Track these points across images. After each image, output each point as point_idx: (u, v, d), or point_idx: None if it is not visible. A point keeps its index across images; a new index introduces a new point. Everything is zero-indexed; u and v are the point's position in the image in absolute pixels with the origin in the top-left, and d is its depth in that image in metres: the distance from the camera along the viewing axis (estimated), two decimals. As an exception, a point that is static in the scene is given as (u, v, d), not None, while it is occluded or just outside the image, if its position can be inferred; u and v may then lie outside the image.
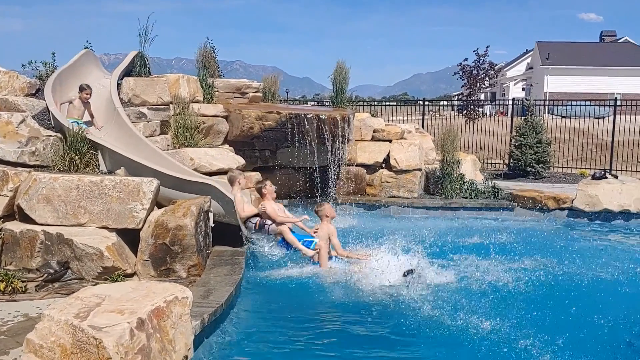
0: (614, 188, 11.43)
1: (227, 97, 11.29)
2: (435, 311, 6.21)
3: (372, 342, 5.59)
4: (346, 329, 5.90)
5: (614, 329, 5.94)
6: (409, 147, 12.35)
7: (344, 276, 7.37)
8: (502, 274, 7.55)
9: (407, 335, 5.76)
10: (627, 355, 5.47)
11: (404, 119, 21.04)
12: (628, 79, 51.27)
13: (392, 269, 7.36)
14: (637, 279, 7.75)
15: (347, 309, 6.42)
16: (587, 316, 6.18)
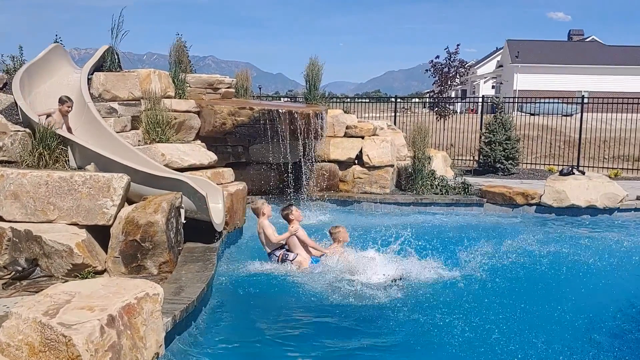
0: (581, 184, 11.65)
1: (199, 93, 11.22)
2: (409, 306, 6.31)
3: (346, 337, 5.64)
4: (320, 324, 5.93)
5: (575, 320, 6.15)
6: (381, 143, 12.43)
7: (318, 273, 7.41)
8: (471, 269, 7.67)
9: (383, 328, 5.85)
10: (585, 345, 5.61)
11: (377, 116, 21.16)
12: (595, 77, 52.18)
13: (372, 267, 7.45)
14: (598, 272, 7.95)
15: (321, 304, 6.45)
16: (547, 307, 6.41)
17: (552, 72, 53.14)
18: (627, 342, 5.71)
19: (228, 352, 5.19)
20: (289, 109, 10.69)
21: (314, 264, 7.69)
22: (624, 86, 48.42)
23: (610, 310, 6.57)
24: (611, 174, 16.42)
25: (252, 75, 13.89)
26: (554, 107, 21.97)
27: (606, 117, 18.85)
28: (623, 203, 11.61)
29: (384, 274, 7.21)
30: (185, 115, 9.94)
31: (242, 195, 8.90)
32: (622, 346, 5.62)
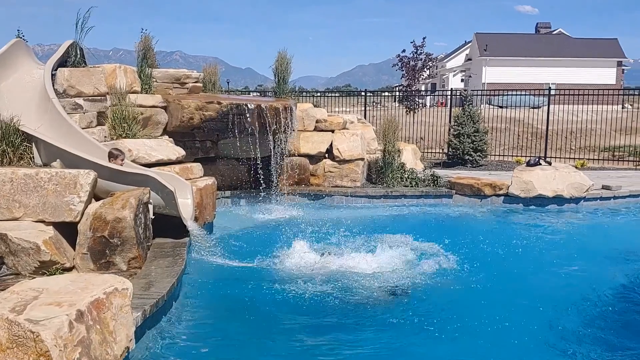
0: (548, 174, 11.85)
1: (166, 88, 11.13)
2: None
3: (318, 330, 5.68)
4: (291, 317, 5.96)
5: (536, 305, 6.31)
6: (352, 137, 12.48)
7: (287, 265, 7.45)
8: (439, 259, 7.78)
9: (357, 319, 5.92)
10: (547, 332, 5.76)
11: (347, 110, 21.25)
12: (562, 69, 53.11)
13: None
14: (561, 259, 8.17)
15: (293, 297, 6.48)
16: (512, 294, 6.63)
17: (520, 65, 53.93)
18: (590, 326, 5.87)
19: (199, 346, 5.20)
20: (257, 103, 10.66)
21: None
22: (590, 78, 49.35)
23: (575, 294, 6.75)
24: (577, 164, 16.75)
25: (221, 70, 13.83)
26: (522, 99, 22.26)
27: (573, 109, 19.20)
28: (589, 192, 11.84)
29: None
30: (152, 111, 9.86)
31: (211, 191, 8.87)
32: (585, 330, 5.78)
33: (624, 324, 5.92)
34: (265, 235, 8.75)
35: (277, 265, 7.51)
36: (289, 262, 7.59)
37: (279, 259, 7.72)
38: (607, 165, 18.16)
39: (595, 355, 5.19)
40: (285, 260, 7.65)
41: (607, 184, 12.52)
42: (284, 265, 7.51)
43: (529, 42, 58.29)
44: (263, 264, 7.55)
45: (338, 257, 7.69)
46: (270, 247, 8.10)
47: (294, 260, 7.64)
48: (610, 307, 6.40)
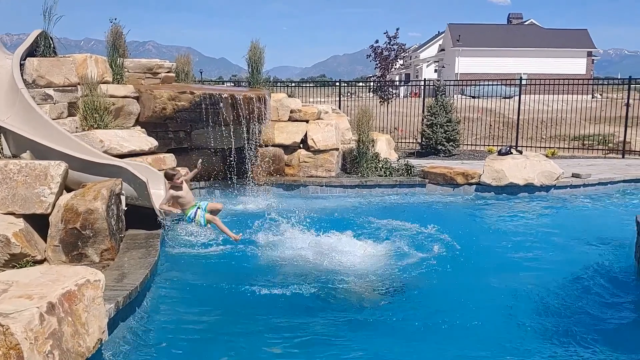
0: (519, 163, 12.01)
1: (138, 78, 10.99)
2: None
3: (294, 315, 5.72)
4: (268, 304, 5.98)
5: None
6: (326, 127, 12.49)
7: (263, 254, 7.46)
8: (410, 246, 7.89)
9: (323, 301, 5.99)
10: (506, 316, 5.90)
11: (322, 101, 21.25)
12: (534, 59, 53.71)
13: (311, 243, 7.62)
14: (531, 245, 8.36)
15: (269, 284, 6.52)
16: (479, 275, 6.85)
17: (493, 55, 54.40)
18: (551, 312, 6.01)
19: (173, 337, 5.19)
20: (231, 93, 10.61)
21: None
22: (561, 68, 50.00)
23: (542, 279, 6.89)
24: (548, 153, 17.00)
25: (195, 60, 13.70)
26: (494, 89, 22.47)
27: (544, 99, 19.46)
28: (559, 180, 12.03)
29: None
30: (123, 101, 9.74)
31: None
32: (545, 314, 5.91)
33: (580, 308, 6.08)
34: (239, 225, 8.73)
35: (253, 255, 7.51)
36: (265, 252, 7.59)
37: (255, 249, 7.72)
38: (577, 153, 18.47)
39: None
40: (261, 250, 7.66)
41: (577, 172, 12.74)
42: (260, 254, 7.51)
43: (501, 32, 58.82)
44: (238, 254, 7.55)
45: (313, 245, 7.74)
46: (245, 237, 8.10)
47: (270, 249, 7.66)
48: (569, 289, 6.59)
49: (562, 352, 5.04)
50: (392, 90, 24.29)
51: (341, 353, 4.97)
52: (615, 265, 7.33)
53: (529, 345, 5.14)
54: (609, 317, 5.86)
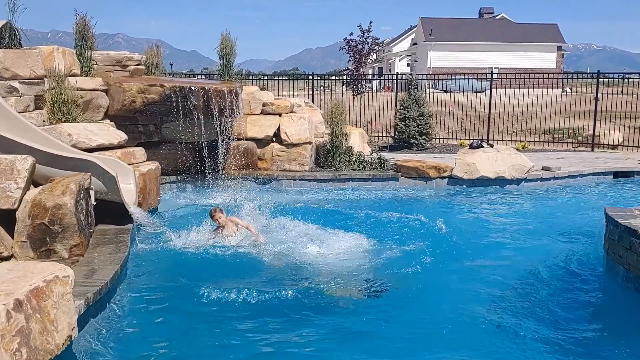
0: (490, 156, 12.13)
1: (107, 71, 10.82)
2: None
3: (262, 311, 5.68)
4: (237, 299, 5.94)
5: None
6: (299, 120, 12.44)
7: (234, 250, 7.41)
8: (381, 239, 7.94)
9: (304, 306, 5.95)
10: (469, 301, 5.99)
11: (295, 94, 21.16)
12: (505, 54, 54.20)
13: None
14: (500, 239, 8.47)
15: (237, 279, 6.48)
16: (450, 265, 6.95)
17: (464, 50, 54.79)
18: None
19: (145, 333, 5.14)
20: (202, 86, 10.50)
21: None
22: (532, 62, 50.57)
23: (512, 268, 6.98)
24: (519, 146, 17.21)
25: (165, 52, 13.55)
26: (466, 83, 22.65)
27: (515, 93, 19.67)
28: (529, 173, 12.19)
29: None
30: (92, 94, 9.56)
31: (155, 175, 8.71)
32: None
33: (549, 298, 6.17)
34: (210, 220, 8.66)
35: (224, 250, 7.45)
36: (236, 247, 7.54)
37: (226, 244, 7.65)
38: (548, 147, 18.71)
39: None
40: (232, 245, 7.60)
41: (547, 165, 12.91)
42: (231, 250, 7.45)
43: (473, 27, 59.26)
44: (209, 249, 7.49)
45: (285, 238, 7.73)
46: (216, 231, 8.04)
47: (243, 244, 7.61)
48: (539, 280, 6.69)
49: (529, 342, 5.10)
50: (365, 84, 24.34)
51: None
52: (585, 257, 7.44)
53: (495, 337, 5.19)
54: (577, 306, 5.96)
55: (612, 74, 21.52)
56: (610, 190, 12.28)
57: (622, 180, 13.04)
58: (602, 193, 11.97)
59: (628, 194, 11.63)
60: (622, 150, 17.72)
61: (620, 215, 6.52)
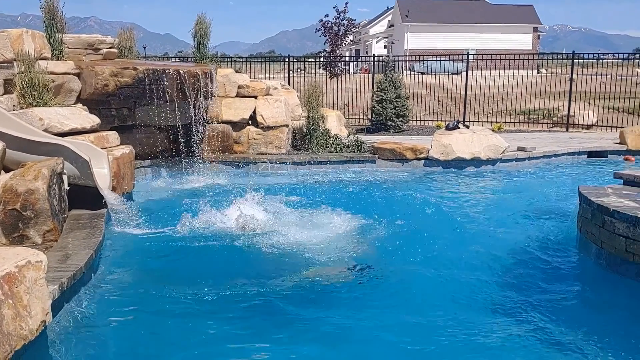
0: (466, 137, 12.20)
1: (79, 54, 10.63)
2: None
3: (242, 293, 5.68)
4: (212, 283, 5.93)
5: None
6: (275, 103, 12.37)
7: (209, 232, 7.38)
8: (358, 219, 7.98)
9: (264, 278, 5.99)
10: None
11: (272, 77, 21.04)
12: (481, 35, 54.38)
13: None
14: (474, 218, 8.55)
15: (211, 262, 6.48)
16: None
17: (441, 31, 54.83)
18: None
19: (120, 317, 5.11)
20: (175, 69, 10.37)
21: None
22: (508, 44, 50.76)
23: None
24: (495, 127, 17.33)
25: (139, 36, 13.35)
26: (442, 65, 22.68)
27: (491, 74, 19.77)
28: (505, 154, 12.29)
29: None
30: (63, 78, 9.40)
31: (129, 160, 8.61)
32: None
33: (523, 276, 6.26)
34: (186, 204, 8.61)
35: (199, 234, 7.42)
36: (212, 230, 7.51)
37: (201, 228, 7.62)
38: (523, 127, 18.89)
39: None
40: (208, 229, 7.57)
41: (522, 145, 13.03)
42: (206, 233, 7.42)
43: (450, 8, 59.22)
44: (184, 233, 7.45)
45: (264, 221, 7.72)
46: (190, 216, 7.99)
47: (216, 227, 7.58)
48: (514, 258, 6.78)
49: (505, 320, 5.17)
50: (342, 66, 24.26)
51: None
52: (558, 235, 7.55)
53: (471, 316, 5.24)
54: (550, 283, 6.05)
55: (587, 55, 21.64)
56: (584, 169, 12.45)
57: (595, 160, 13.22)
58: (576, 172, 12.13)
59: (601, 173, 11.78)
60: (596, 130, 17.94)
61: (593, 194, 6.60)
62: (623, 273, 5.85)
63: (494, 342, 4.77)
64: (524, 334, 4.95)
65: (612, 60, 20.85)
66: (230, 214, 8.06)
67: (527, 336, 4.91)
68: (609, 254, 6.04)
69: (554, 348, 4.71)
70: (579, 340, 4.80)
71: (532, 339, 4.86)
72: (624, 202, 6.21)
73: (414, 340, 4.77)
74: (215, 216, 8.01)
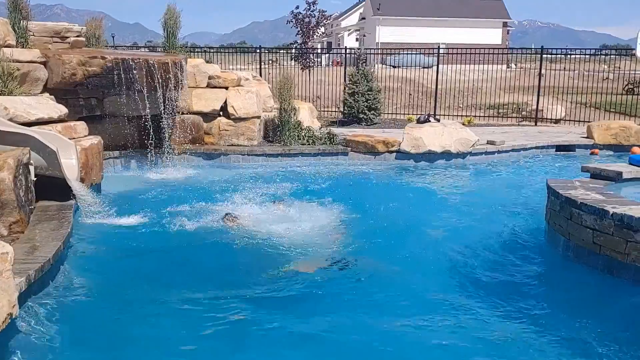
0: (437, 131, 12.27)
1: (45, 42, 10.38)
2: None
3: (211, 287, 5.64)
4: (184, 275, 5.90)
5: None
6: (247, 94, 12.25)
7: (178, 225, 7.32)
8: (327, 211, 8.05)
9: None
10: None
11: (243, 68, 20.88)
12: (452, 29, 54.77)
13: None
14: (443, 211, 8.61)
15: (183, 254, 6.42)
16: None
17: (412, 25, 55.00)
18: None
19: (88, 310, 5.06)
20: (144, 58, 10.20)
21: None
22: (478, 38, 51.25)
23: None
24: (465, 121, 17.46)
25: (107, 25, 13.11)
26: (414, 59, 22.73)
27: (461, 69, 19.91)
28: (475, 147, 12.39)
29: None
30: (29, 66, 9.16)
31: (97, 150, 8.47)
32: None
33: (492, 267, 6.35)
34: (156, 195, 8.51)
35: (168, 225, 7.34)
36: (181, 221, 7.43)
37: (170, 220, 7.54)
38: (492, 121, 19.06)
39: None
40: (177, 220, 7.49)
41: (492, 139, 13.16)
42: (175, 224, 7.34)
43: (421, 2, 59.39)
44: (153, 224, 7.37)
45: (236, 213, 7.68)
46: (160, 207, 7.91)
47: (186, 219, 7.51)
48: (482, 250, 6.86)
49: (473, 309, 5.25)
50: (314, 58, 24.20)
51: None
52: (527, 227, 7.66)
53: (439, 309, 5.28)
54: (518, 275, 6.15)
55: (555, 50, 21.94)
56: (553, 163, 12.63)
57: (564, 154, 13.41)
58: (544, 166, 12.30)
59: (569, 166, 11.95)
60: (564, 124, 18.19)
61: (561, 187, 6.70)
62: (590, 264, 5.96)
63: (453, 332, 4.84)
64: (489, 320, 5.02)
65: (579, 56, 21.12)
66: (200, 205, 8.00)
67: (491, 321, 4.99)
68: (577, 246, 6.14)
69: (516, 335, 4.81)
70: (542, 326, 4.92)
71: (496, 325, 4.95)
72: (591, 194, 6.31)
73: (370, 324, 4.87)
74: (184, 208, 7.94)
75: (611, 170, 7.38)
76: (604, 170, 7.42)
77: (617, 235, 5.60)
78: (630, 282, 5.52)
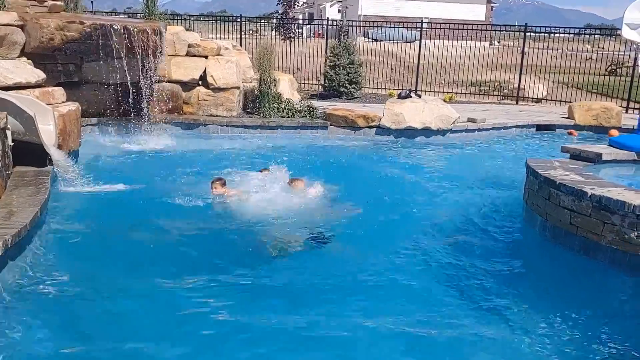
0: (417, 107, 12.27)
1: (23, 6, 10.11)
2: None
3: (188, 258, 5.65)
4: (161, 244, 5.88)
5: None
6: (226, 64, 12.12)
7: (156, 192, 7.28)
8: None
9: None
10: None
11: (224, 37, 20.58)
12: (435, 4, 54.43)
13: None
14: (423, 187, 8.73)
15: (160, 224, 6.41)
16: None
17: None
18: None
19: (65, 276, 5.04)
20: (124, 24, 10.01)
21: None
22: (462, 14, 51.00)
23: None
24: (446, 97, 17.50)
25: (86, -12, 12.80)
26: (396, 33, 22.61)
27: (444, 44, 19.84)
28: (455, 125, 12.42)
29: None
30: (6, 29, 8.93)
31: (75, 117, 8.34)
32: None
33: (470, 246, 6.43)
34: (133, 163, 8.43)
35: (145, 193, 7.30)
36: (158, 189, 7.40)
37: (148, 187, 7.49)
38: (474, 99, 19.09)
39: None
40: (154, 188, 7.46)
41: (473, 116, 13.20)
42: (153, 192, 7.30)
43: (405, -25, 58.91)
44: (131, 191, 7.33)
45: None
46: (138, 175, 7.86)
47: (162, 186, 7.47)
48: (461, 229, 6.96)
49: (449, 287, 5.33)
50: (295, 29, 23.93)
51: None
52: (505, 206, 7.73)
53: (420, 286, 5.36)
54: (496, 254, 6.22)
55: (539, 28, 21.93)
56: (533, 142, 12.71)
57: (544, 133, 13.51)
58: (524, 145, 12.36)
59: (549, 146, 12.03)
60: (545, 104, 18.29)
61: (540, 167, 6.77)
62: (567, 245, 6.03)
63: (430, 309, 4.90)
64: (464, 298, 5.10)
65: (563, 35, 21.15)
66: (179, 173, 7.94)
67: (466, 301, 5.06)
68: (554, 226, 6.22)
69: (492, 313, 4.90)
70: (516, 306, 5.01)
71: (471, 304, 5.02)
72: (570, 175, 6.38)
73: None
74: (162, 176, 7.88)
75: (591, 151, 7.45)
76: (583, 151, 7.49)
77: (595, 216, 5.67)
78: (606, 263, 5.60)
